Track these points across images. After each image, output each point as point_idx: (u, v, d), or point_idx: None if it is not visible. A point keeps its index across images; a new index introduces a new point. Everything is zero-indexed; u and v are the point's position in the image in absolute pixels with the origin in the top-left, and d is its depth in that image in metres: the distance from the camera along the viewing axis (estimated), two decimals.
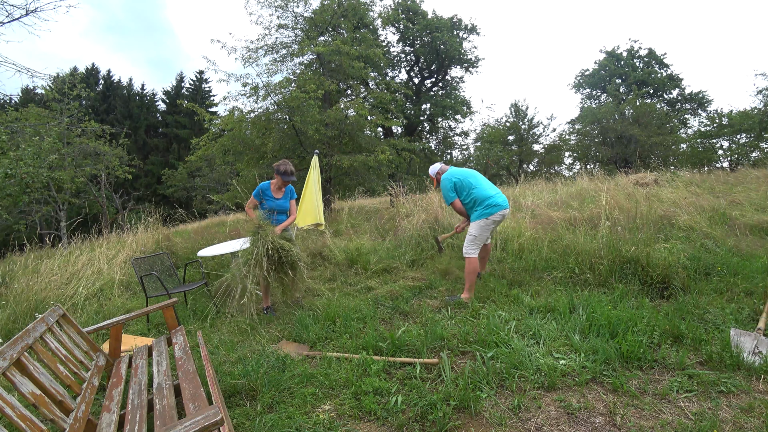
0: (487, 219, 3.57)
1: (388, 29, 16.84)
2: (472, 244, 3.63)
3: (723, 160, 19.48)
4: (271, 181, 3.88)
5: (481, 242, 3.66)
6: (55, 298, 4.21)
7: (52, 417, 1.53)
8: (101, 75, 33.34)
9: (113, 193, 16.20)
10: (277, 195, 3.86)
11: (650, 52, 29.76)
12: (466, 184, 3.70)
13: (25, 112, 12.96)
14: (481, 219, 3.59)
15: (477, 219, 3.62)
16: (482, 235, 3.62)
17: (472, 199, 3.66)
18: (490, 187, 3.72)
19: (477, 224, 3.62)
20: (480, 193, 3.64)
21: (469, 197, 3.68)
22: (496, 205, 3.58)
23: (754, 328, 2.57)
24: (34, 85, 19.44)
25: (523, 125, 21.83)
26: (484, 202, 3.60)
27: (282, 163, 3.79)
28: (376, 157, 10.48)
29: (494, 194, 3.63)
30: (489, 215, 3.56)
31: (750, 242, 4.47)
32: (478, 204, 3.62)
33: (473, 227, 3.64)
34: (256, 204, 3.85)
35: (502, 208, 3.59)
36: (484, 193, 3.63)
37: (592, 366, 2.30)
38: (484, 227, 3.60)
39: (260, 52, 11.75)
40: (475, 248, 3.63)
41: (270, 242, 3.47)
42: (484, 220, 3.58)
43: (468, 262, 3.61)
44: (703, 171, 13.60)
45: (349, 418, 2.10)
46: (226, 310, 4.08)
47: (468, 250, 3.65)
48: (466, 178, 3.73)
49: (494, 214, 3.56)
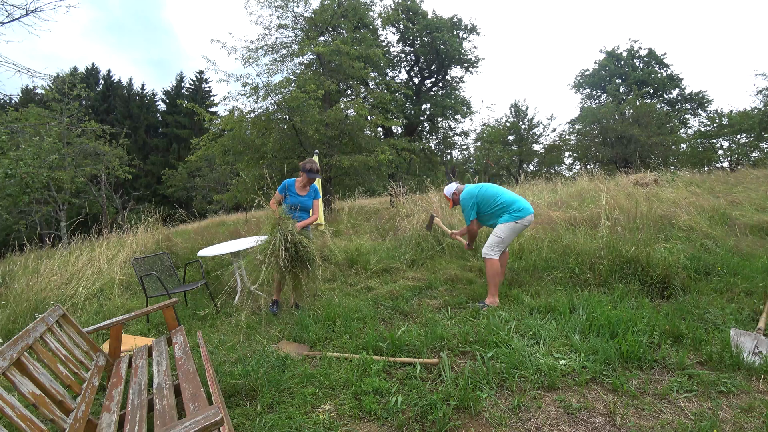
0: (516, 222, 3.49)
1: (388, 29, 16.84)
2: (496, 246, 3.53)
3: (723, 160, 19.51)
4: (297, 179, 3.95)
5: (505, 245, 3.56)
6: (55, 298, 4.21)
7: (52, 417, 1.53)
8: (101, 75, 33.39)
9: (113, 193, 16.21)
10: (301, 192, 3.90)
11: (650, 52, 29.79)
12: (490, 195, 3.64)
13: (25, 112, 12.96)
14: (511, 222, 3.50)
15: (506, 221, 3.52)
16: (509, 237, 3.53)
17: (499, 206, 3.59)
18: (513, 194, 3.68)
19: (506, 226, 3.51)
20: (507, 198, 3.59)
21: (495, 205, 3.61)
22: (525, 209, 3.53)
23: (754, 328, 2.57)
24: (34, 85, 19.46)
25: (523, 125, 21.86)
26: (512, 206, 3.54)
27: (308, 161, 3.88)
28: (376, 157, 10.49)
29: (520, 199, 3.60)
30: (519, 218, 3.49)
31: (750, 242, 4.48)
32: (507, 208, 3.55)
33: (501, 229, 3.53)
34: (280, 199, 3.87)
35: (530, 213, 3.54)
36: (511, 198, 3.59)
37: (592, 366, 2.30)
38: (513, 230, 3.52)
39: (260, 52, 11.78)
40: (497, 250, 3.53)
41: (290, 234, 3.45)
42: (513, 223, 3.50)
43: (489, 264, 3.51)
44: (703, 171, 13.61)
45: (349, 418, 2.10)
46: (226, 310, 4.09)
47: (489, 251, 3.53)
48: (486, 190, 3.69)
49: (524, 218, 3.50)
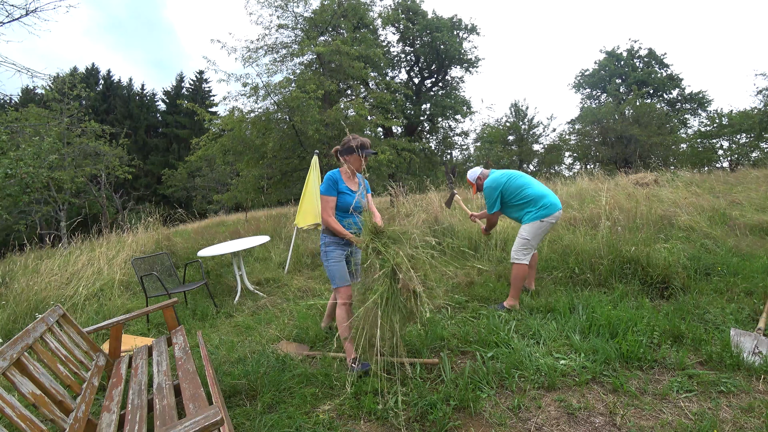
0: (542, 221, 3.21)
1: (388, 29, 16.86)
2: (524, 249, 3.27)
3: (723, 160, 19.53)
4: (340, 169, 2.71)
5: (533, 247, 3.30)
6: (55, 298, 4.21)
7: (52, 417, 1.53)
8: (101, 75, 33.38)
9: (113, 193, 16.21)
10: (353, 187, 2.68)
11: (650, 52, 29.82)
12: (516, 186, 3.34)
13: (25, 112, 12.95)
14: (536, 221, 3.22)
15: (531, 221, 3.24)
16: (536, 238, 3.27)
17: (525, 198, 3.29)
18: (542, 186, 3.37)
19: (531, 226, 3.24)
20: (534, 191, 3.28)
21: (520, 197, 3.32)
22: (552, 205, 3.23)
23: (754, 328, 2.57)
24: (34, 85, 19.45)
25: (523, 125, 21.86)
26: (539, 201, 3.24)
27: (351, 137, 2.66)
28: (375, 157, 10.48)
29: (548, 193, 3.30)
30: (545, 216, 3.21)
31: (750, 242, 4.48)
32: (533, 204, 3.26)
33: (527, 230, 3.26)
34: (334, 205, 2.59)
35: (558, 209, 3.25)
36: (539, 192, 3.28)
37: (592, 366, 2.30)
38: (539, 230, 3.23)
39: (260, 52, 11.78)
40: (526, 254, 3.27)
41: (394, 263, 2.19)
42: (539, 222, 3.22)
43: (516, 269, 3.27)
44: (703, 171, 13.60)
45: (349, 418, 2.10)
46: (226, 310, 4.09)
47: (518, 256, 3.27)
48: (513, 179, 3.36)
49: (550, 216, 3.21)
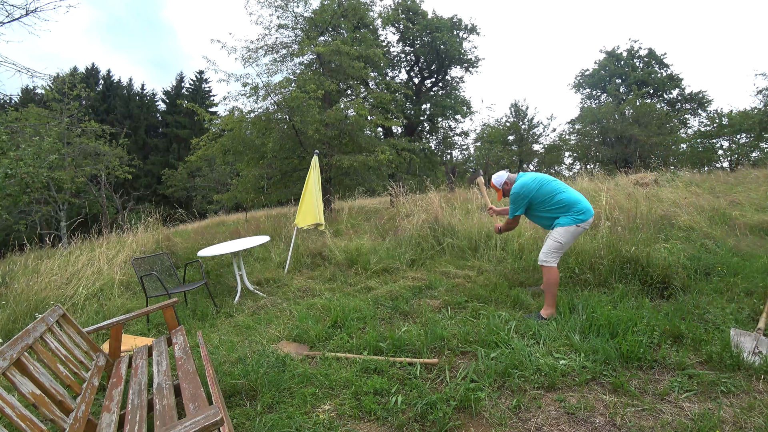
0: (578, 226, 3.16)
1: (388, 29, 16.86)
2: (555, 252, 3.21)
3: (723, 160, 19.54)
4: None
5: (564, 250, 3.25)
6: (55, 298, 4.21)
7: (52, 417, 1.53)
8: (101, 75, 33.39)
9: (113, 193, 16.20)
10: None
11: (650, 52, 29.81)
12: (547, 191, 3.28)
13: (25, 112, 12.98)
14: (572, 225, 3.16)
15: (567, 224, 3.17)
16: (569, 242, 3.22)
17: (558, 204, 3.24)
18: (575, 191, 3.34)
19: (567, 230, 3.17)
20: (569, 196, 3.24)
21: (554, 203, 3.26)
22: (588, 210, 3.20)
23: (754, 328, 2.57)
24: (34, 85, 19.43)
25: (523, 125, 21.89)
26: (573, 206, 3.19)
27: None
28: (376, 157, 10.49)
29: (582, 198, 3.27)
30: (581, 221, 3.16)
31: (750, 242, 4.48)
32: (569, 209, 3.20)
33: (561, 233, 3.19)
34: None
35: (592, 215, 3.21)
36: (573, 197, 3.24)
37: (592, 366, 2.30)
38: (574, 234, 3.19)
39: (260, 52, 11.79)
40: (556, 257, 3.21)
41: None
42: (575, 227, 3.16)
43: (548, 272, 3.18)
44: (703, 171, 13.61)
45: (349, 418, 2.10)
46: (226, 310, 4.08)
47: (548, 258, 3.21)
48: (544, 185, 3.31)
49: (585, 222, 3.17)
